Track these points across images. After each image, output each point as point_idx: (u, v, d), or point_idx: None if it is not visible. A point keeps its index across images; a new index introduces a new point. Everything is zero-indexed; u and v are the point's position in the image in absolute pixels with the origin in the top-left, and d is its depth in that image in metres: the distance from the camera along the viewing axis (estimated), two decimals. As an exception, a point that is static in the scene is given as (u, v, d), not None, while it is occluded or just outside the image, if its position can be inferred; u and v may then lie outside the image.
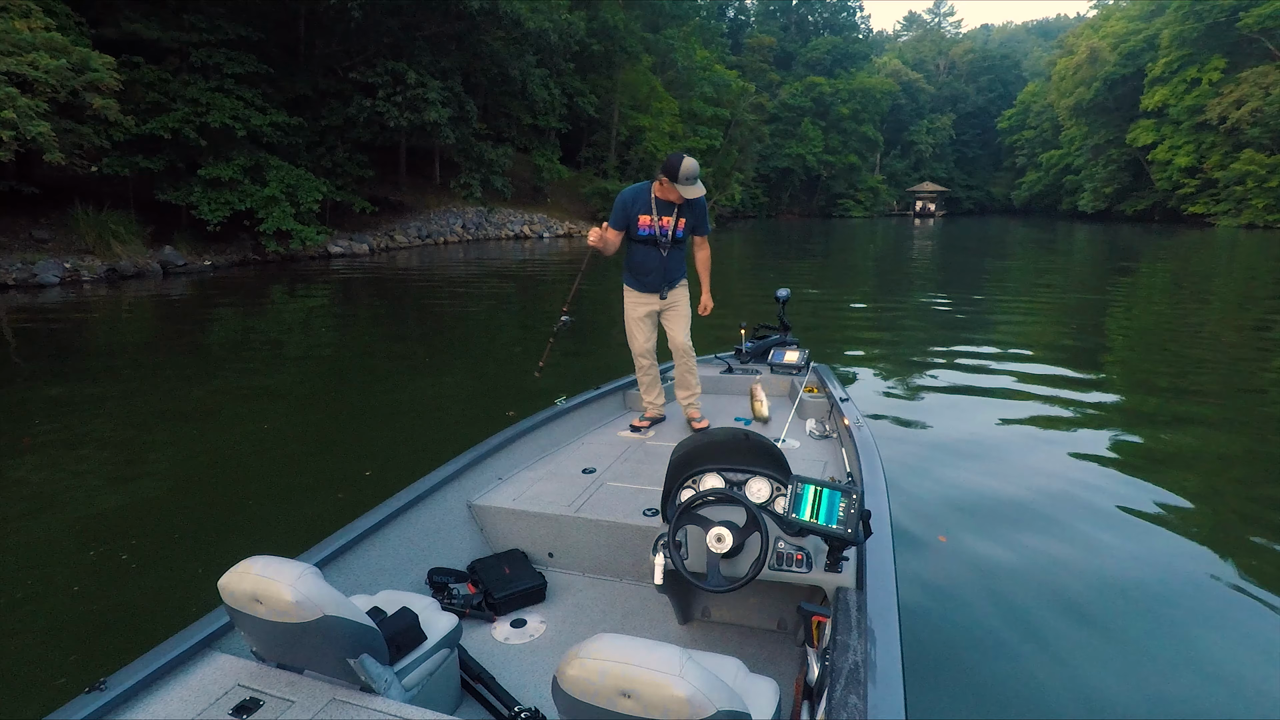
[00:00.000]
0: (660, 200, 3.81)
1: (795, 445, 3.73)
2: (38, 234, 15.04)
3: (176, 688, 1.75)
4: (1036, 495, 4.55)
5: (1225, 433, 6.00)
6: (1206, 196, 44.48)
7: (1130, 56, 50.36)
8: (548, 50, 25.05)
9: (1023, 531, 4.03)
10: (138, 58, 15.64)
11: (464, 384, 7.59)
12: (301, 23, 20.87)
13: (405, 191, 27.47)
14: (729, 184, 47.92)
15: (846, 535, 2.06)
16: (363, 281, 16.31)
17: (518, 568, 2.88)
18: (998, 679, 2.80)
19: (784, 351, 5.05)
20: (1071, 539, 3.95)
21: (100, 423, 6.03)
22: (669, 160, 3.64)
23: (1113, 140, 53.15)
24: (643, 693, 1.25)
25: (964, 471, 4.97)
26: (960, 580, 3.52)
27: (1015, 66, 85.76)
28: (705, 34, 50.22)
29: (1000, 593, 3.41)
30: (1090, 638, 3.08)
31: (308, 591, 1.62)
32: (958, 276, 18.80)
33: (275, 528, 4.12)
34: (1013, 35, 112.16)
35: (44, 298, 12.63)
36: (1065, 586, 3.47)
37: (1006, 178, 77.18)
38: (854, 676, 1.64)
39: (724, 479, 2.40)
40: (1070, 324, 11.35)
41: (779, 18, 74.70)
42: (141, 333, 10.40)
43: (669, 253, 3.93)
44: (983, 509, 4.35)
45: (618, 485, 3.26)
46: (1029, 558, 3.75)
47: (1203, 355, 8.82)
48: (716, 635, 2.65)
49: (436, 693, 2.04)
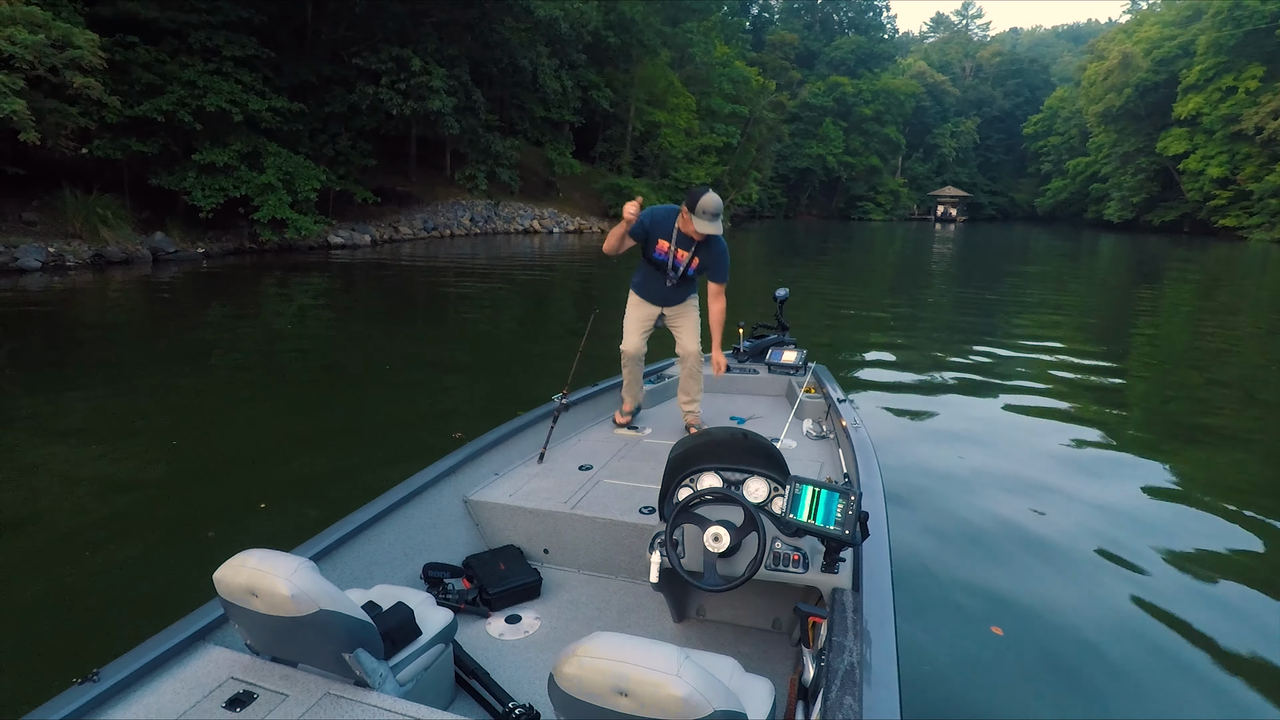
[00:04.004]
0: (681, 233, 3.71)
1: (793, 445, 3.71)
2: (27, 217, 14.65)
3: (170, 680, 1.74)
4: (1036, 502, 4.51)
5: (1247, 455, 5.55)
6: (1239, 209, 43.11)
7: (1163, 63, 48.92)
8: (559, 40, 24.42)
9: (1020, 537, 4.03)
10: (133, 38, 15.18)
11: (454, 389, 7.07)
12: (309, 6, 20.39)
13: (414, 182, 27.01)
14: (746, 183, 47.19)
15: (844, 536, 2.05)
16: (358, 274, 15.84)
17: (513, 564, 2.87)
18: (993, 682, 2.80)
19: (782, 351, 5.01)
20: (1070, 547, 3.93)
21: (73, 417, 5.86)
22: (693, 192, 3.57)
23: (1142, 148, 51.73)
24: (640, 692, 1.25)
25: (963, 475, 4.96)
26: (957, 584, 3.51)
27: (1043, 71, 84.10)
28: (726, 29, 49.34)
29: (997, 597, 3.41)
30: (1087, 639, 3.08)
31: (303, 585, 1.61)
32: (974, 282, 18.10)
33: (270, 521, 4.09)
34: (1041, 39, 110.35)
35: (24, 282, 12.22)
36: (1062, 592, 3.45)
37: (1031, 184, 75.66)
38: (850, 677, 1.63)
39: (722, 478, 2.41)
40: (1087, 336, 10.92)
41: (803, 15, 73.74)
42: (116, 319, 10.00)
43: (674, 286, 3.90)
44: (980, 513, 4.33)
45: (614, 483, 3.23)
46: (1026, 563, 3.74)
47: (1227, 377, 8.26)
48: (712, 634, 2.64)
49: (431, 688, 2.03)
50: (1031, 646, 3.03)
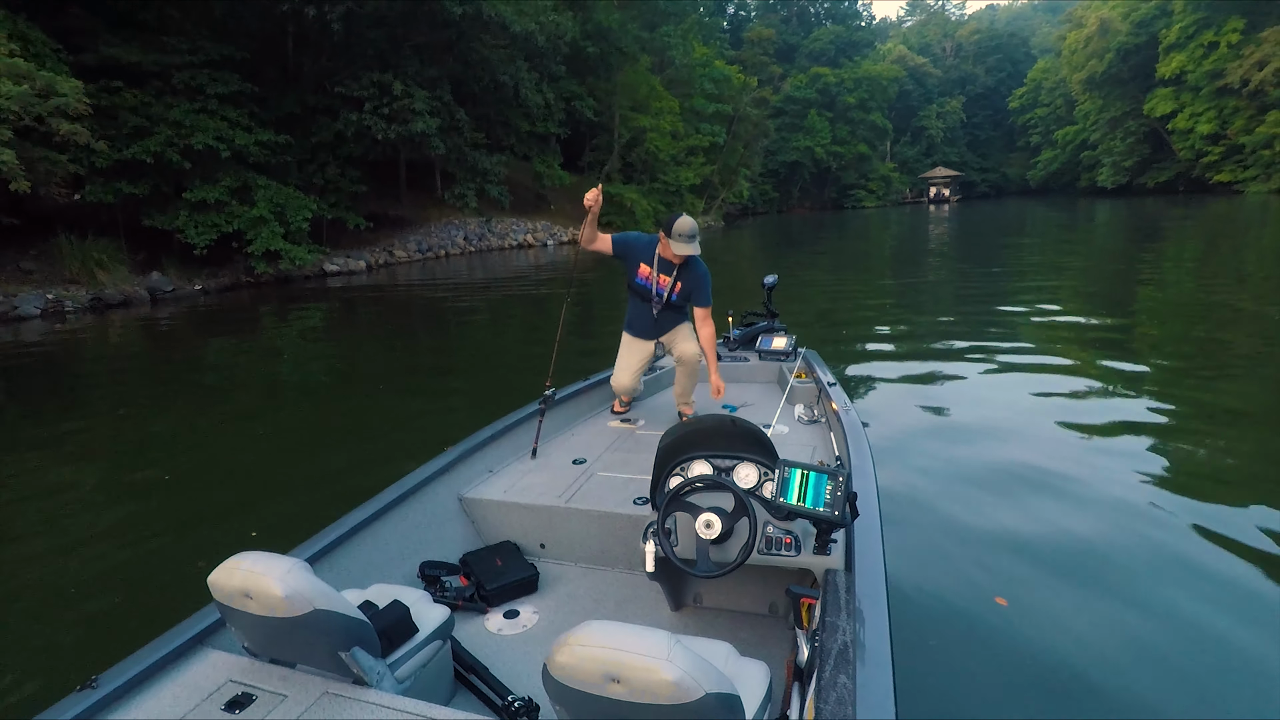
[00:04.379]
0: (662, 258, 3.82)
1: (784, 431, 3.71)
2: (25, 265, 14.79)
3: (168, 685, 1.75)
4: (1027, 473, 4.49)
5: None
6: (1232, 163, 42.98)
7: (1142, 25, 48.87)
8: (537, 54, 24.56)
9: (1013, 510, 4.00)
10: (117, 82, 15.34)
11: (452, 405, 7.09)
12: (289, 40, 20.59)
13: (406, 206, 27.12)
14: (736, 180, 47.25)
15: (834, 517, 2.07)
16: (355, 300, 15.92)
17: (510, 559, 2.88)
18: (987, 657, 2.78)
19: (772, 338, 4.99)
20: (1063, 517, 3.88)
21: (75, 444, 6.04)
22: (668, 218, 3.70)
23: (1130, 112, 51.63)
24: (631, 677, 1.26)
25: (956, 452, 4.92)
26: (949, 560, 3.49)
27: (1024, 44, 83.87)
28: (704, 30, 49.50)
29: (990, 570, 3.37)
30: (1082, 616, 3.02)
31: (297, 586, 1.62)
32: (970, 259, 18.05)
33: (264, 525, 4.15)
34: (1019, 14, 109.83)
35: (24, 330, 12.32)
36: (1056, 564, 3.41)
37: (1021, 158, 75.39)
38: (843, 657, 1.64)
39: (711, 465, 2.42)
40: (1086, 305, 10.85)
41: (779, 10, 73.86)
42: (117, 360, 10.06)
43: (660, 313, 3.94)
44: (972, 487, 4.30)
45: (608, 475, 3.25)
46: (1019, 537, 3.69)
47: (1234, 338, 8.09)
48: (708, 620, 2.67)
49: (429, 684, 2.04)
50: (1030, 620, 2.97)
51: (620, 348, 4.13)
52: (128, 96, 15.53)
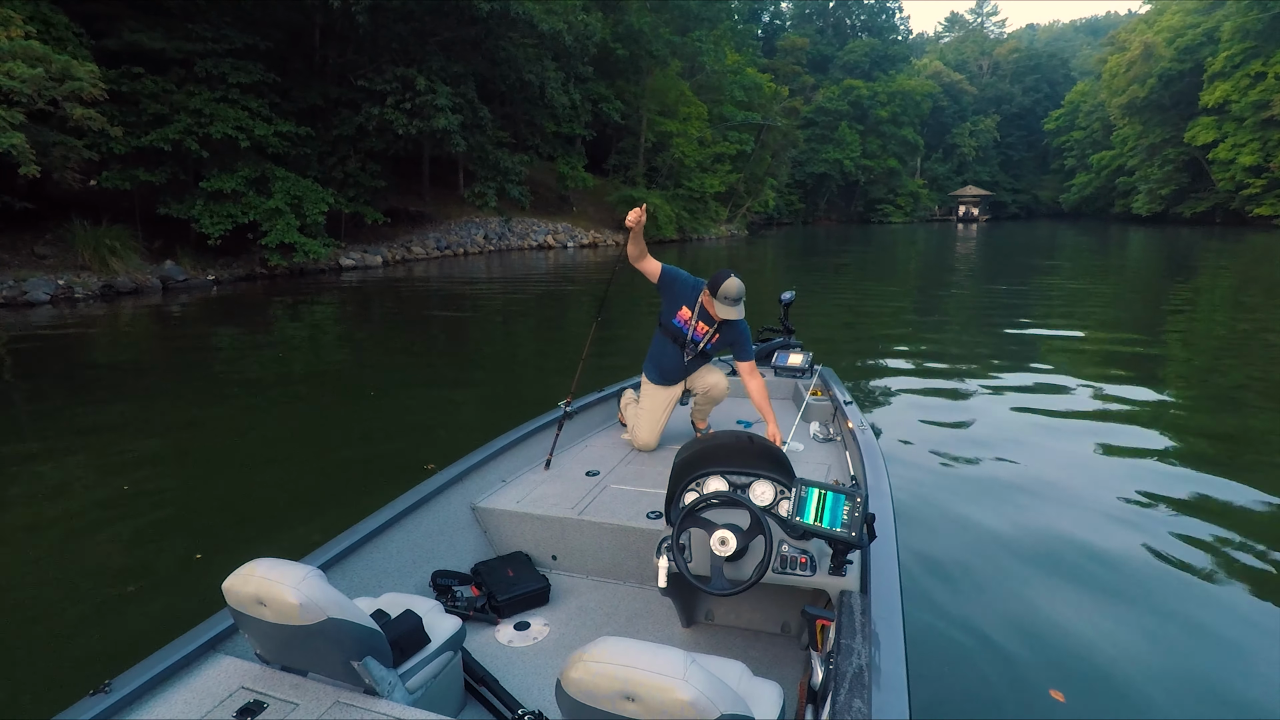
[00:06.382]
0: (704, 308, 3.72)
1: (799, 448, 3.70)
2: (39, 250, 14.74)
3: (181, 690, 1.75)
4: (1046, 495, 4.44)
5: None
6: (1274, 196, 41.76)
7: (1187, 51, 47.67)
8: (564, 53, 24.29)
9: (1031, 534, 3.95)
10: (139, 68, 15.25)
11: (454, 409, 6.79)
12: (316, 31, 20.48)
13: (428, 202, 26.98)
14: (762, 190, 46.75)
15: (850, 538, 2.05)
16: (368, 295, 15.71)
17: (521, 570, 2.85)
18: (1002, 682, 2.73)
19: (788, 354, 4.97)
20: (1083, 541, 3.83)
21: (75, 437, 5.94)
22: (716, 275, 3.57)
23: (1169, 139, 50.35)
24: (646, 696, 1.24)
25: (973, 472, 4.87)
26: (965, 583, 3.43)
27: (1063, 66, 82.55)
28: (737, 37, 49.07)
29: (1008, 595, 3.32)
30: (1097, 639, 2.98)
31: (311, 594, 1.61)
32: (999, 280, 17.51)
33: (279, 531, 4.12)
34: (1060, 34, 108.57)
35: (33, 316, 12.21)
36: (1073, 589, 3.37)
37: (1054, 180, 74.12)
38: (858, 680, 1.62)
39: (728, 482, 2.41)
40: (1114, 333, 10.43)
41: (815, 20, 73.22)
42: (120, 345, 9.91)
43: (690, 360, 3.82)
44: (989, 510, 4.23)
45: (621, 488, 3.24)
46: (1035, 561, 3.65)
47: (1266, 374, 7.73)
48: (720, 638, 2.64)
49: (440, 695, 2.02)
50: (1051, 647, 2.91)
51: (642, 397, 3.89)
52: (149, 83, 15.42)
